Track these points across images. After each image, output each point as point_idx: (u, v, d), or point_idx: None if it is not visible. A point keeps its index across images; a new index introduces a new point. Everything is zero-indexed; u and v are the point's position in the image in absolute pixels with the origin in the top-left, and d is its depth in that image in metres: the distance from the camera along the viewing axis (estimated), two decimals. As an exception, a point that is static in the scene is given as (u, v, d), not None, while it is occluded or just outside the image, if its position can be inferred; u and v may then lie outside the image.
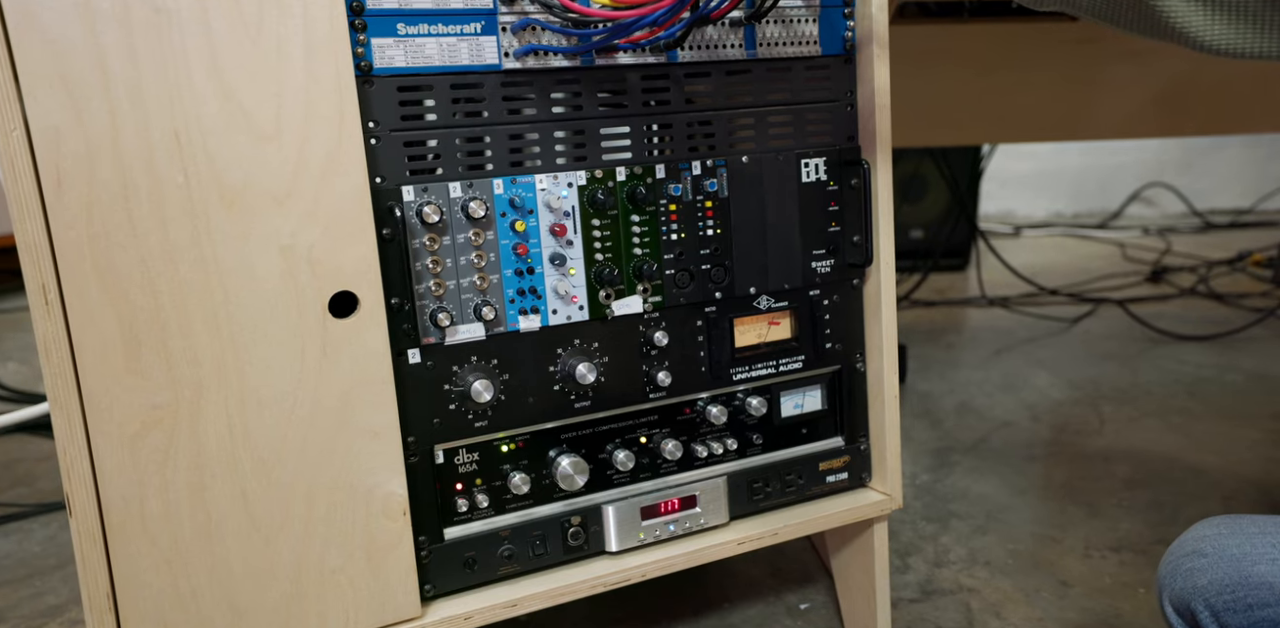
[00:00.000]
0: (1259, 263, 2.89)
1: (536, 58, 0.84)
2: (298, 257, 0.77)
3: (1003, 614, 1.23)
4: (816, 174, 0.98)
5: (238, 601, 0.79)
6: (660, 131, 0.91)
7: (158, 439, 0.75)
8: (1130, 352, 2.23)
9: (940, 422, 1.85)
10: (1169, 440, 1.75)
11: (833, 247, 1.00)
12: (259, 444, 0.78)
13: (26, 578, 1.35)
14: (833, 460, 1.05)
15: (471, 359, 0.86)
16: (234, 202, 0.74)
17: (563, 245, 0.89)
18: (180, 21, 0.71)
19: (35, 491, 1.61)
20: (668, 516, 0.97)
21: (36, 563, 1.39)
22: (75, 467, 0.73)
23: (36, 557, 1.41)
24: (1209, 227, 3.54)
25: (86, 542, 0.74)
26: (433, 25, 0.80)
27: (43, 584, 1.34)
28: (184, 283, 0.74)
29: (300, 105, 0.75)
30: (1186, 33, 0.65)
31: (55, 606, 1.29)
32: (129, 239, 0.72)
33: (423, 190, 0.82)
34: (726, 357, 0.98)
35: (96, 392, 0.73)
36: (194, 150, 0.73)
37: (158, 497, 0.75)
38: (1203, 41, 0.65)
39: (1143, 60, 1.76)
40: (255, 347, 0.76)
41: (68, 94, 0.69)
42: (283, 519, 0.80)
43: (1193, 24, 0.64)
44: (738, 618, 1.23)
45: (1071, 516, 1.48)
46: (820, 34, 0.96)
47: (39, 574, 1.36)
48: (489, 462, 0.89)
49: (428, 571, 0.87)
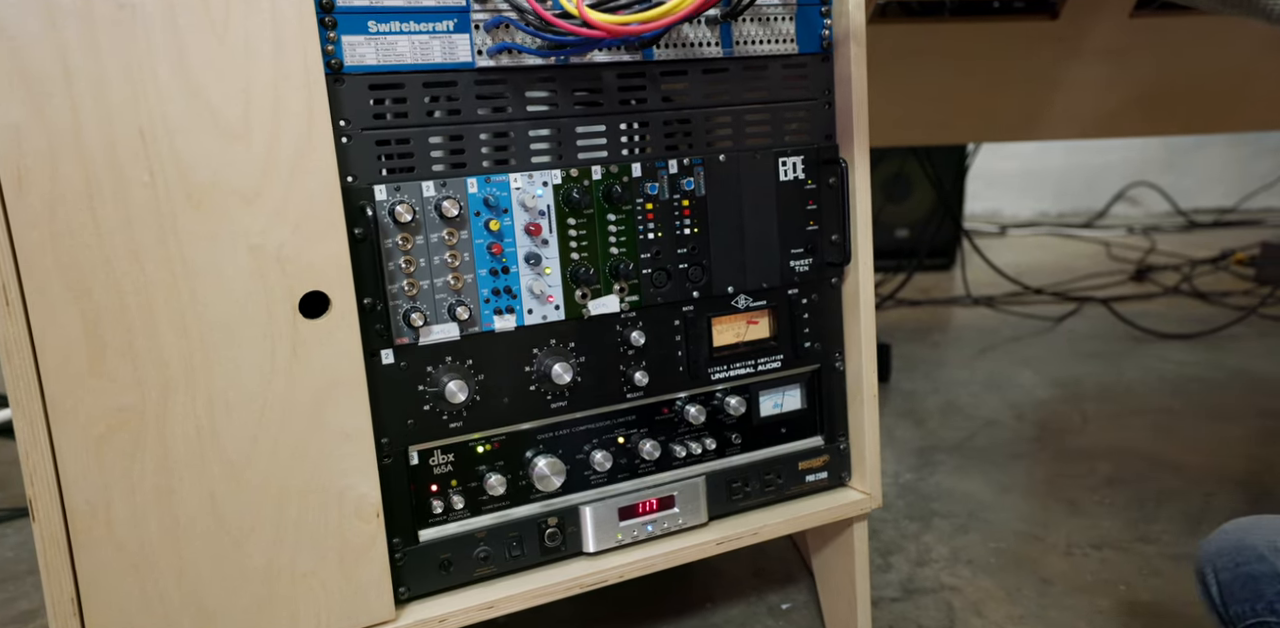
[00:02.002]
0: (1242, 261, 2.90)
1: (510, 56, 0.83)
2: (267, 256, 0.75)
3: (984, 613, 1.23)
4: (794, 173, 0.97)
5: (207, 604, 0.78)
6: (637, 130, 0.90)
7: (123, 442, 0.73)
8: (1114, 350, 2.22)
9: (924, 421, 1.84)
10: (1151, 439, 1.74)
11: (811, 245, 0.99)
12: (228, 446, 0.76)
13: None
14: (812, 460, 1.04)
15: (446, 360, 0.85)
16: (201, 200, 0.73)
17: (538, 245, 0.87)
18: (145, 17, 0.69)
19: (9, 495, 1.59)
20: (646, 516, 0.95)
21: (9, 568, 1.38)
22: (38, 471, 0.71)
23: (9, 562, 1.39)
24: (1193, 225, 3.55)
25: (50, 547, 0.73)
26: (404, 23, 0.79)
27: (15, 590, 1.32)
28: (150, 283, 0.72)
29: (269, 103, 0.74)
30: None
31: (28, 611, 1.27)
32: (93, 238, 0.70)
33: (395, 189, 0.81)
34: (704, 356, 0.97)
35: (60, 394, 0.71)
36: (160, 148, 0.71)
37: (124, 501, 0.74)
38: None
39: (1123, 59, 1.75)
40: (224, 348, 0.75)
41: (27, 90, 0.67)
42: (253, 522, 0.78)
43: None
44: (720, 618, 1.22)
45: (1054, 513, 1.48)
46: (798, 32, 0.95)
47: (11, 580, 1.35)
48: (464, 463, 0.88)
49: (402, 573, 0.86)
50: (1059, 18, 1.62)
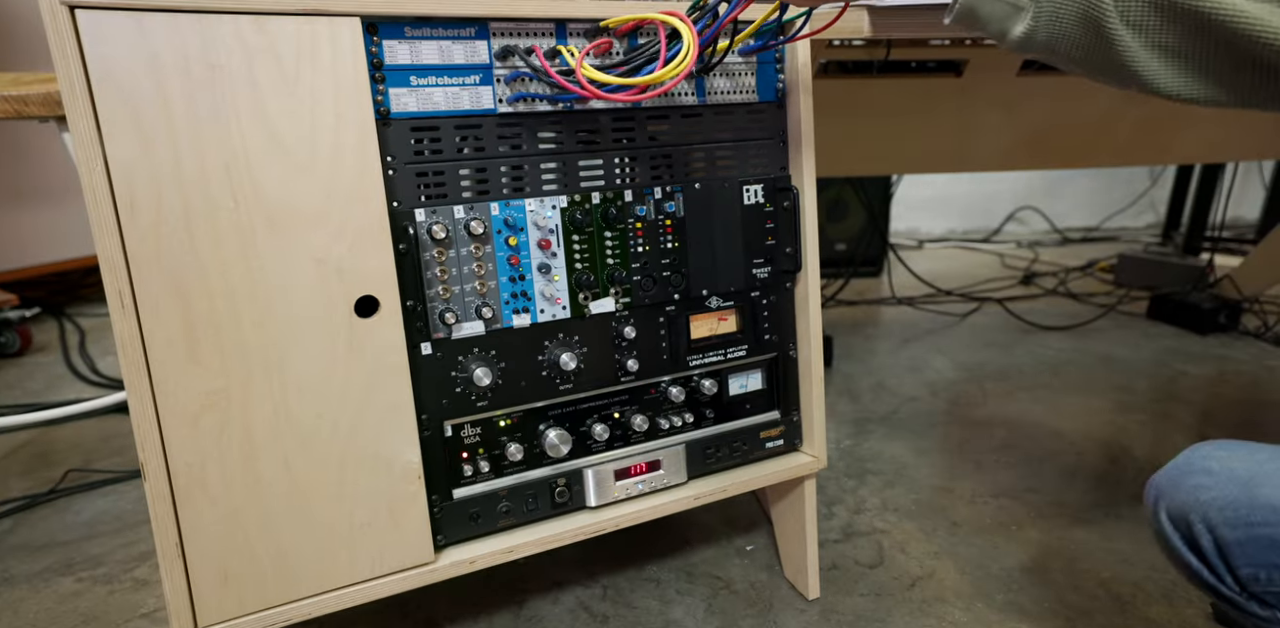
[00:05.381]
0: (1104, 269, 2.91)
1: (525, 103, 0.82)
2: (328, 267, 0.74)
3: (907, 550, 1.23)
4: (756, 198, 0.97)
5: (284, 548, 0.77)
6: (628, 163, 0.90)
7: (214, 418, 0.72)
8: (1007, 340, 2.23)
9: (859, 397, 1.84)
10: (1036, 410, 1.75)
11: (769, 256, 0.99)
12: (298, 421, 0.75)
13: (121, 530, 1.32)
14: (771, 430, 1.04)
15: (474, 351, 0.84)
16: (275, 222, 0.72)
17: (548, 257, 0.87)
18: (230, 74, 0.69)
19: (128, 459, 1.57)
20: (637, 477, 0.95)
21: (130, 518, 1.36)
22: (148, 440, 0.71)
23: (129, 513, 1.38)
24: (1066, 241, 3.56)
25: (158, 502, 0.72)
26: (439, 77, 0.78)
27: (135, 535, 1.31)
28: (234, 289, 0.71)
29: (330, 143, 0.73)
30: (1148, 81, 0.65)
31: (144, 552, 1.26)
32: (189, 253, 0.69)
33: (432, 212, 0.80)
34: (684, 347, 0.96)
35: (164, 379, 0.70)
36: (242, 179, 0.70)
37: (216, 465, 0.73)
38: (1160, 87, 0.65)
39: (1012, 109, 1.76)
40: (294, 342, 0.74)
41: (138, 134, 0.66)
42: (319, 482, 0.77)
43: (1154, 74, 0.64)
44: (697, 558, 1.22)
45: (961, 470, 1.48)
46: (758, 85, 0.94)
47: (131, 527, 1.33)
48: (489, 434, 0.88)
49: (439, 524, 0.85)
50: (962, 76, 1.63)
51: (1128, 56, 0.65)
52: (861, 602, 1.11)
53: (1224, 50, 0.61)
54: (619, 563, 1.21)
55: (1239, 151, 1.96)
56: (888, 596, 1.12)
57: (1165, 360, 2.05)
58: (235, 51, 0.68)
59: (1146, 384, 1.89)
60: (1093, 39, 0.66)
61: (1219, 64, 0.62)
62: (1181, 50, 0.63)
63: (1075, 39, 0.66)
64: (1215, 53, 0.62)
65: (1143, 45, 0.64)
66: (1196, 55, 0.63)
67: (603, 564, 1.20)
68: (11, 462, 1.58)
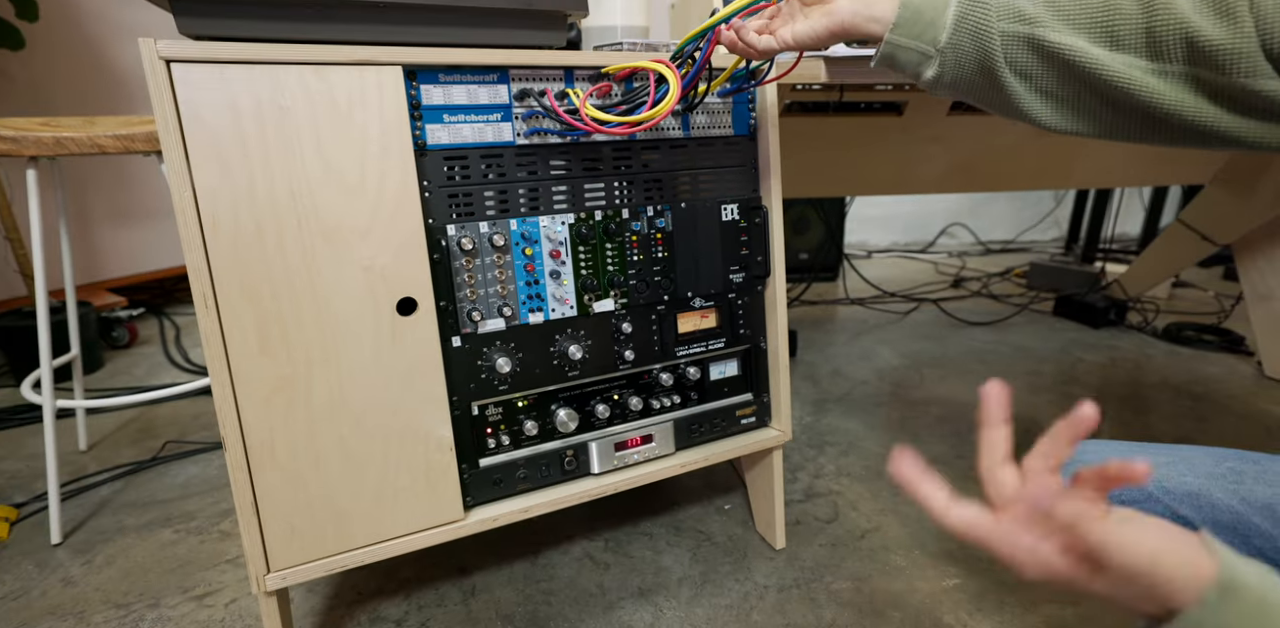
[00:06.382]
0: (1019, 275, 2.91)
1: (539, 137, 0.82)
2: (375, 274, 0.74)
3: (858, 508, 1.22)
4: (732, 215, 0.96)
5: (340, 507, 0.77)
6: (625, 186, 0.89)
7: (282, 400, 0.72)
8: (941, 334, 2.22)
9: (819, 382, 1.84)
10: (964, 391, 1.74)
11: (743, 264, 0.98)
12: (352, 403, 0.75)
13: (209, 491, 1.32)
14: (745, 409, 1.03)
15: (496, 343, 0.84)
16: (331, 237, 0.71)
17: (559, 265, 0.86)
18: (296, 114, 0.68)
19: (214, 434, 1.57)
20: (633, 448, 0.94)
21: (215, 481, 1.35)
22: (227, 418, 0.70)
23: (215, 478, 1.37)
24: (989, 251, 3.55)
25: (236, 470, 0.71)
26: (468, 115, 0.78)
27: (219, 496, 1.30)
28: (297, 293, 0.71)
29: (376, 170, 0.72)
30: (1033, 116, 0.66)
31: (228, 510, 1.25)
32: (260, 264, 0.69)
33: (461, 227, 0.79)
34: (672, 340, 0.96)
35: (240, 367, 0.70)
36: (304, 202, 0.70)
37: (284, 440, 0.72)
38: (1042, 122, 0.66)
39: (944, 142, 1.75)
40: (347, 337, 0.74)
41: (220, 164, 0.66)
42: (369, 454, 0.77)
43: (1037, 111, 0.66)
44: (683, 515, 1.21)
45: (903, 441, 1.47)
46: (733, 121, 0.94)
47: (217, 489, 1.33)
48: (509, 413, 0.87)
49: (468, 488, 0.85)
50: (903, 115, 1.62)
51: (1016, 98, 0.66)
52: (820, 551, 1.10)
53: (1089, 92, 0.63)
54: (618, 520, 1.20)
55: (1124, 179, 1.96)
56: (841, 545, 1.12)
57: (1068, 349, 2.04)
58: (299, 96, 0.68)
59: (1052, 369, 1.88)
60: (988, 82, 0.66)
61: (1087, 103, 0.64)
62: (1057, 93, 0.64)
63: (975, 82, 0.67)
64: (1083, 94, 0.63)
65: (1027, 89, 0.65)
66: (1070, 97, 0.64)
67: (604, 521, 1.20)
68: (121, 435, 1.57)
